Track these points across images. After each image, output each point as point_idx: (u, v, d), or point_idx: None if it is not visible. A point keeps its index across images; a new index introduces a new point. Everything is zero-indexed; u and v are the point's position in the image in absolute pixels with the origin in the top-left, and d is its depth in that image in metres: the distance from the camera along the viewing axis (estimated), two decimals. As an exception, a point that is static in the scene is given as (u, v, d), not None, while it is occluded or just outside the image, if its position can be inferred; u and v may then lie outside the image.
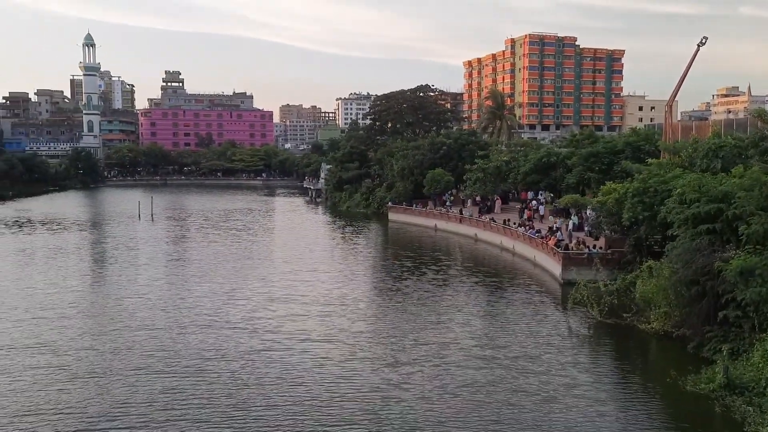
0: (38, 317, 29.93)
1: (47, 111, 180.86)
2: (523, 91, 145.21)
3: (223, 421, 18.90)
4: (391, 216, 69.52)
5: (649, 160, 39.46)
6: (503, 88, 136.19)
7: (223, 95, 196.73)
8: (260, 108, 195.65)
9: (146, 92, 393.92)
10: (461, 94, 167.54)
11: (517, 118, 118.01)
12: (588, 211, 43.70)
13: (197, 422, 18.77)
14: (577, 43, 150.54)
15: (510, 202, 62.55)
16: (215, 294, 34.87)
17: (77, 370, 23.00)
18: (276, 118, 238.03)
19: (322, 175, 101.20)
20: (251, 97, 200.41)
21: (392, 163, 73.65)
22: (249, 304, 32.45)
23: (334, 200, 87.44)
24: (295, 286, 36.82)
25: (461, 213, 59.54)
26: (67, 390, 21.09)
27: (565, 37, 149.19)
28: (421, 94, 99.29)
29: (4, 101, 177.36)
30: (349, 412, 19.50)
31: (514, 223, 49.56)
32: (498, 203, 59.53)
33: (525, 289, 36.42)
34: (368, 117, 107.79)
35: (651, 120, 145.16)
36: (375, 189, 79.60)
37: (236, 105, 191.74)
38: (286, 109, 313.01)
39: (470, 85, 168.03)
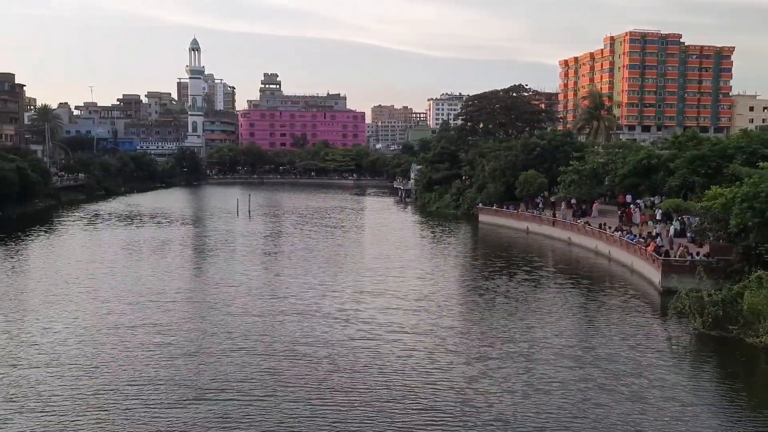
0: (147, 301, 32.19)
1: (156, 112, 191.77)
2: (623, 91, 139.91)
3: (316, 399, 19.88)
4: (482, 218, 68.91)
5: (761, 163, 37.06)
6: (601, 88, 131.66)
7: (318, 96, 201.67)
8: (353, 109, 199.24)
9: (246, 94, 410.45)
10: (556, 94, 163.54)
11: (616, 118, 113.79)
12: (691, 217, 41.61)
13: (292, 400, 19.81)
14: (681, 40, 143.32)
15: (605, 206, 60.39)
16: (308, 286, 36.16)
17: (183, 348, 24.76)
18: (368, 119, 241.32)
19: (412, 175, 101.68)
20: (344, 98, 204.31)
21: (483, 164, 72.97)
22: (341, 297, 33.46)
23: (424, 201, 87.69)
24: (385, 282, 37.51)
25: (554, 216, 58.19)
26: (176, 365, 22.77)
27: (669, 34, 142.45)
28: (515, 94, 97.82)
29: (118, 103, 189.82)
30: (437, 400, 19.91)
31: (610, 227, 47.92)
32: (595, 206, 57.67)
33: (620, 295, 35.21)
34: (459, 117, 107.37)
35: (763, 121, 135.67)
36: (465, 190, 79.10)
37: (330, 106, 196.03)
38: (377, 110, 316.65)
39: (566, 85, 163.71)
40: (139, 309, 30.51)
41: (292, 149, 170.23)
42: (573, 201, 59.99)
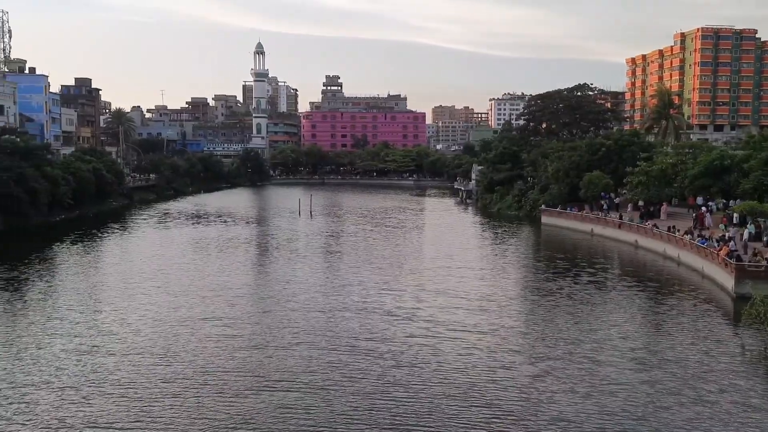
0: (215, 296, 33.35)
1: (222, 115, 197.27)
2: (694, 89, 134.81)
3: (377, 392, 20.28)
4: (544, 219, 67.83)
5: None
6: (671, 86, 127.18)
7: (379, 97, 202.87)
8: (413, 110, 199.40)
9: (308, 96, 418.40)
10: (623, 93, 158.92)
11: (686, 117, 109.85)
12: (767, 220, 39.81)
13: (353, 392, 20.25)
14: (757, 36, 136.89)
15: (674, 208, 58.43)
16: (370, 284, 36.64)
17: (249, 340, 25.64)
18: (428, 120, 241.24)
19: (473, 176, 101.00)
20: (405, 99, 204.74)
21: (546, 164, 71.81)
22: (402, 295, 33.77)
23: (485, 202, 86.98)
24: (446, 281, 37.58)
25: (620, 218, 56.71)
26: (242, 357, 23.61)
27: (744, 29, 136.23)
28: (579, 94, 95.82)
29: (187, 106, 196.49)
30: (497, 397, 19.92)
31: (680, 230, 46.36)
32: (663, 209, 55.87)
33: (690, 299, 34.04)
34: (522, 117, 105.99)
35: None
36: (527, 191, 78.01)
37: (390, 107, 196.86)
38: (438, 111, 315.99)
39: (633, 84, 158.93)
40: (207, 303, 31.65)
41: (353, 150, 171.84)
42: (640, 203, 58.31)
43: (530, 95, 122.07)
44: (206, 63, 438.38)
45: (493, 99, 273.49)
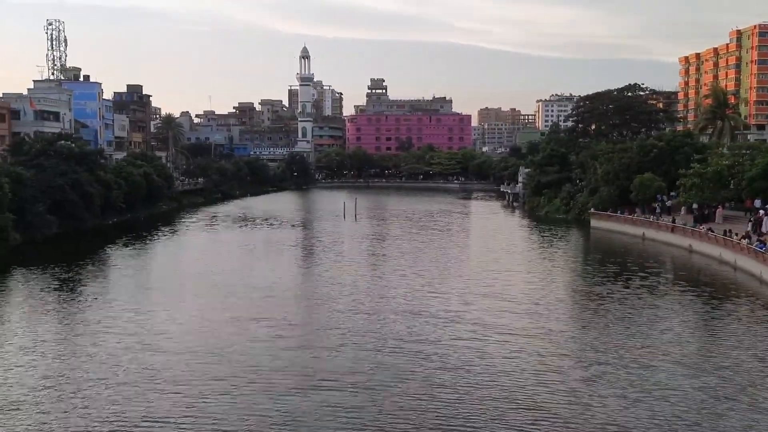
0: (262, 297, 33.78)
1: (268, 119, 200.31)
2: (751, 88, 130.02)
3: (423, 393, 20.22)
4: (594, 222, 66.46)
5: None
6: (726, 85, 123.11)
7: (423, 100, 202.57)
8: (459, 112, 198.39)
9: (353, 99, 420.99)
10: (675, 93, 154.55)
11: (742, 117, 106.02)
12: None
13: (399, 393, 20.26)
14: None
15: (730, 211, 56.38)
16: (415, 286, 36.55)
17: (296, 341, 25.99)
18: (474, 122, 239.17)
19: (520, 178, 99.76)
20: (450, 101, 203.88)
21: (596, 166, 70.39)
22: (448, 297, 33.60)
23: (532, 205, 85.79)
24: (492, 284, 37.22)
25: (673, 222, 55.09)
26: (289, 357, 23.88)
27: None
28: (629, 94, 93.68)
29: (234, 111, 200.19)
30: (545, 401, 19.65)
31: (737, 234, 44.71)
32: (719, 212, 54.01)
33: (746, 305, 32.76)
34: (570, 119, 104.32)
35: None
36: (576, 194, 76.61)
37: (435, 109, 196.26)
38: (484, 113, 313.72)
39: (686, 83, 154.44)
40: (254, 304, 32.09)
41: (398, 153, 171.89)
42: (694, 206, 56.53)
43: (579, 96, 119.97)
44: (253, 68, 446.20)
45: (541, 100, 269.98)
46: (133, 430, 17.89)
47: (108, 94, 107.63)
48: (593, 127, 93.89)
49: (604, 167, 67.60)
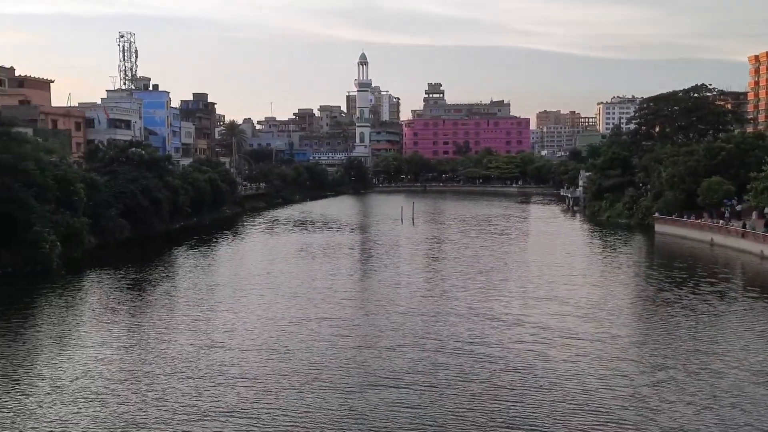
0: (322, 298, 34.54)
1: (327, 125, 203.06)
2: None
3: (484, 394, 20.35)
4: (658, 228, 64.63)
5: None
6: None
7: (481, 104, 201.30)
8: (517, 115, 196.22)
9: (410, 104, 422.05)
10: (745, 93, 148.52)
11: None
12: None
13: (460, 393, 20.44)
14: None
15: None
16: (475, 289, 36.62)
17: (356, 340, 26.50)
18: (532, 125, 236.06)
19: (581, 182, 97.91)
20: (508, 104, 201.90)
21: (660, 170, 68.47)
22: (509, 301, 33.53)
23: (593, 209, 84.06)
24: (554, 288, 36.88)
25: (744, 227, 53.05)
26: (350, 356, 24.42)
27: None
28: (696, 95, 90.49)
29: (294, 117, 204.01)
30: (611, 404, 19.44)
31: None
32: (794, 217, 51.76)
33: (824, 312, 31.37)
34: (633, 121, 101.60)
35: None
36: (639, 198, 74.61)
37: (493, 113, 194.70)
38: (543, 116, 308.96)
39: (756, 83, 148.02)
40: (316, 304, 32.85)
41: (455, 157, 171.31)
42: (766, 210, 54.32)
43: (642, 98, 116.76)
44: (312, 75, 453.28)
45: (602, 103, 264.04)
46: (203, 421, 18.71)
47: (175, 103, 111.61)
48: (657, 129, 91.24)
49: (669, 171, 65.72)
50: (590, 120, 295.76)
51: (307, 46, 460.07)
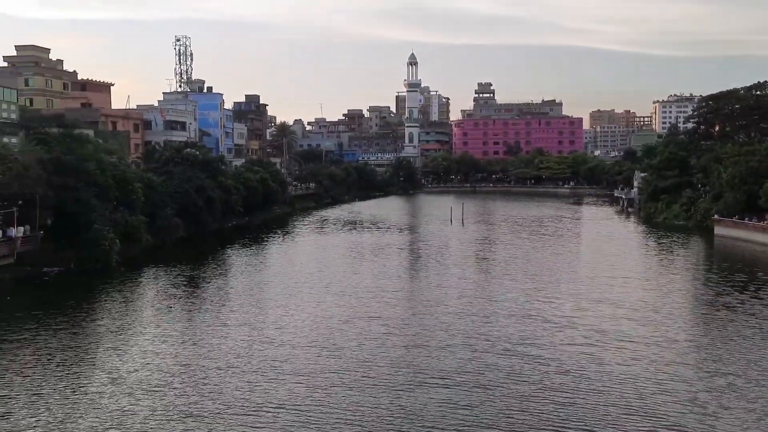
0: (371, 298, 34.66)
1: (376, 125, 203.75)
2: None
3: (536, 395, 20.17)
4: (717, 230, 62.44)
5: None
6: None
7: (532, 103, 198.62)
8: (569, 115, 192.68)
9: (460, 104, 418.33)
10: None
11: None
12: None
13: (511, 394, 20.31)
14: None
15: None
16: (527, 290, 36.20)
17: (406, 339, 26.57)
18: (585, 125, 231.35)
19: (635, 183, 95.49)
20: (560, 104, 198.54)
21: (720, 170, 66.13)
22: (561, 303, 32.98)
23: (649, 210, 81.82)
24: (607, 291, 36.13)
25: (810, 228, 50.78)
26: (399, 354, 24.54)
27: None
28: (758, 93, 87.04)
29: (343, 118, 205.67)
30: (666, 409, 18.99)
31: None
32: None
33: None
34: (691, 120, 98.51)
35: None
36: (697, 199, 72.25)
37: (545, 113, 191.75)
38: (596, 115, 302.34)
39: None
40: (365, 304, 33.06)
41: (506, 157, 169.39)
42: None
43: (700, 96, 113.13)
44: (361, 76, 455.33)
45: (658, 101, 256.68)
46: (256, 415, 19.08)
47: (228, 104, 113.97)
48: (717, 128, 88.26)
49: (729, 171, 63.41)
50: (645, 119, 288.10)
51: (356, 47, 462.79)
